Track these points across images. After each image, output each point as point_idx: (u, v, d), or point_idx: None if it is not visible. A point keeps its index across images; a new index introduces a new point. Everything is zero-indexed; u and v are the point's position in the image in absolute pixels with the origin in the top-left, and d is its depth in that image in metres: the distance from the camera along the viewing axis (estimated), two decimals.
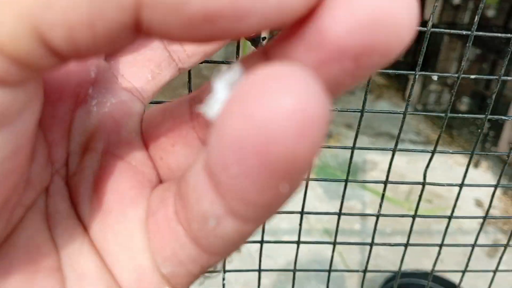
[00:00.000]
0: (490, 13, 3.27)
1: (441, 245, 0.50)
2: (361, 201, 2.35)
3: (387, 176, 0.46)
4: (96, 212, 0.16)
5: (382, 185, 0.57)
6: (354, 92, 4.17)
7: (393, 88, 4.34)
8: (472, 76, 0.40)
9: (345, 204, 0.51)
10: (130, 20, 0.10)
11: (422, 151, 0.57)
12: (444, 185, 0.45)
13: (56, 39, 0.10)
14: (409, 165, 2.77)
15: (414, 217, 0.51)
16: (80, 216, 0.16)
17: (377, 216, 0.48)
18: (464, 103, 3.37)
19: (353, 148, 0.43)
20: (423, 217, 0.52)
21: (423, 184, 0.45)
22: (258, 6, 0.10)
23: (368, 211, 2.28)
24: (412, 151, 0.56)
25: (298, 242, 0.49)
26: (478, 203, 2.47)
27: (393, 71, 0.47)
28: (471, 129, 3.32)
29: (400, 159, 2.98)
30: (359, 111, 0.45)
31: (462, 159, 2.93)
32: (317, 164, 2.69)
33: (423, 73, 0.42)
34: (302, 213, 0.48)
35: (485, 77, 0.40)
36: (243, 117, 0.10)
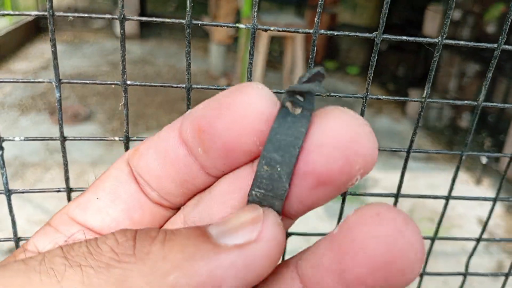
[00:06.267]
0: (490, 29, 3.26)
1: (465, 274, 0.46)
2: None
3: (399, 188, 0.42)
4: None
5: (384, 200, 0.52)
6: (354, 106, 4.14)
7: (392, 102, 4.33)
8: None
9: None
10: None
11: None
12: (477, 199, 0.41)
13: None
14: (409, 182, 2.73)
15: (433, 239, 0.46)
16: None
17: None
18: (465, 120, 3.35)
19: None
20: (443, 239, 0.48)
21: (447, 198, 0.41)
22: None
23: None
24: None
25: None
26: (481, 222, 2.43)
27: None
28: (472, 146, 3.30)
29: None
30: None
31: (464, 176, 2.89)
32: None
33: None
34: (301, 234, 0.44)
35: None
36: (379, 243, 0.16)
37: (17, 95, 3.52)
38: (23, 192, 0.28)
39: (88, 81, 0.24)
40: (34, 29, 5.26)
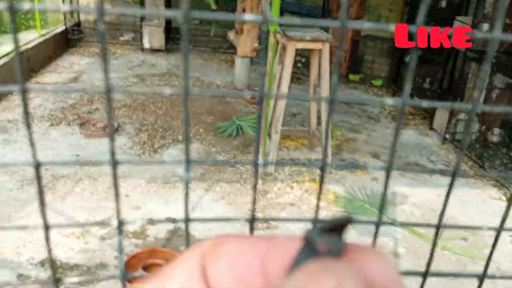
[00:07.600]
0: None
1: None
2: (393, 238, 2.26)
3: (440, 220, 0.41)
4: None
5: (414, 221, 0.51)
6: (379, 119, 4.11)
7: (419, 116, 4.27)
8: None
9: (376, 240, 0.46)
10: None
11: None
12: None
13: None
14: (440, 199, 2.68)
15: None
16: None
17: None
18: (496, 134, 3.27)
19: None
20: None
21: (499, 230, 0.40)
22: None
23: (400, 248, 2.18)
24: None
25: None
26: None
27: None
28: (504, 161, 3.22)
29: (431, 193, 2.88)
30: None
31: (496, 193, 2.82)
32: (345, 197, 2.61)
33: None
34: None
35: None
36: None
37: (46, 107, 3.59)
38: None
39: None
40: (63, 42, 5.38)
